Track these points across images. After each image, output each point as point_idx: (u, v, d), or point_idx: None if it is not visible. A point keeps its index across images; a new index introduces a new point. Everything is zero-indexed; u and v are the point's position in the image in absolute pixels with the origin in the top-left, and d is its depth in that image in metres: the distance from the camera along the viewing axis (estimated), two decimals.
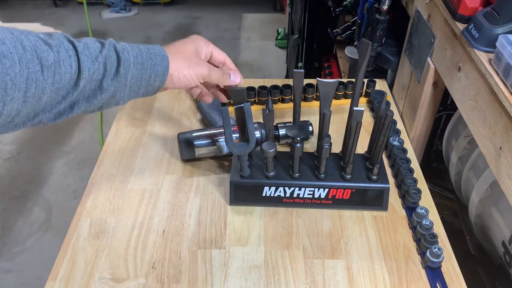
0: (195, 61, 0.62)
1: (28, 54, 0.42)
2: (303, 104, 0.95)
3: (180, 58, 0.60)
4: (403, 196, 0.76)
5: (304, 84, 0.94)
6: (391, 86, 1.04)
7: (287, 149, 0.85)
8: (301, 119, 0.81)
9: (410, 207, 0.74)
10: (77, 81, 0.47)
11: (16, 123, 0.45)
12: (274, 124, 0.81)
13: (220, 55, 0.68)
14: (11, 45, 0.41)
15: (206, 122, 0.91)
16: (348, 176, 0.72)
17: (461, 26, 0.65)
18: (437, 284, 0.63)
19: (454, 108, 0.86)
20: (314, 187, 0.73)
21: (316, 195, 0.73)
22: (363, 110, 0.65)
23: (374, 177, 0.72)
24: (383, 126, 0.67)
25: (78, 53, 0.47)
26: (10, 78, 0.40)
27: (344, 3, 1.32)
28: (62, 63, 0.45)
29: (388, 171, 0.81)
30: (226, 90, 0.71)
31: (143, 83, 0.55)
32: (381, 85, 1.04)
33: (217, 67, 0.67)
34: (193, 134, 0.80)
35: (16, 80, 0.41)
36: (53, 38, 0.47)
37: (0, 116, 0.41)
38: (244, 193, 0.74)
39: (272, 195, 0.74)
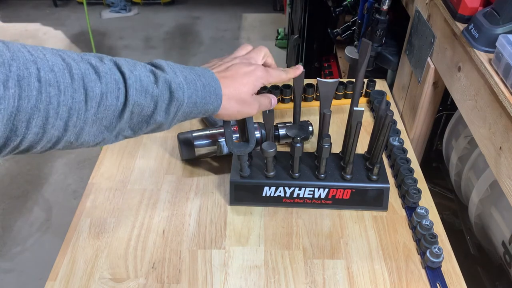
0: (248, 102, 0.59)
1: (75, 83, 0.41)
2: (303, 104, 0.95)
3: (232, 101, 0.57)
4: (403, 196, 0.76)
5: (304, 84, 0.94)
6: (391, 86, 1.04)
7: (287, 149, 0.85)
8: (301, 119, 0.81)
9: (410, 207, 0.74)
10: (122, 112, 0.46)
11: (57, 148, 0.44)
12: (274, 124, 0.81)
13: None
14: (60, 73, 0.40)
15: (206, 122, 0.91)
16: (348, 176, 0.72)
17: (461, 26, 0.65)
18: (437, 284, 0.63)
19: (454, 108, 0.86)
20: (314, 187, 0.73)
21: (316, 195, 0.73)
22: (363, 110, 0.65)
23: (374, 177, 0.72)
24: (383, 126, 0.67)
25: (127, 86, 0.45)
26: (53, 107, 0.39)
27: (344, 3, 1.32)
28: (109, 95, 0.44)
29: (388, 171, 0.81)
30: None
31: (191, 116, 0.54)
32: (381, 85, 1.04)
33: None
34: (193, 134, 0.80)
35: (59, 109, 0.40)
36: (104, 66, 0.45)
37: (40, 141, 0.41)
38: (244, 193, 0.74)
39: (272, 195, 0.74)
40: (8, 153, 0.41)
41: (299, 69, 0.67)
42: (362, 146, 0.86)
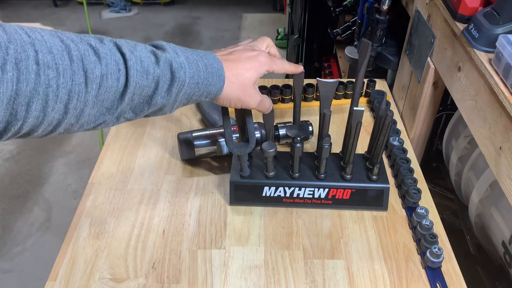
0: (249, 90, 0.57)
1: (74, 65, 0.40)
2: (303, 104, 0.95)
3: (235, 85, 0.56)
4: (403, 196, 0.76)
5: (304, 84, 0.94)
6: (391, 86, 1.04)
7: (287, 149, 0.85)
8: (301, 119, 0.81)
9: (410, 207, 0.74)
10: (123, 94, 0.45)
11: (58, 131, 0.44)
12: (274, 124, 0.81)
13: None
14: (58, 55, 0.39)
15: (206, 122, 0.91)
16: (348, 176, 0.72)
17: (461, 26, 0.65)
18: (437, 284, 0.63)
19: (454, 108, 0.86)
20: (314, 187, 0.73)
21: (316, 195, 0.73)
22: (363, 110, 0.65)
23: (374, 177, 0.72)
24: (383, 126, 0.67)
25: (128, 67, 0.45)
26: (52, 89, 0.39)
27: (344, 3, 1.32)
28: (109, 76, 0.43)
29: (388, 171, 0.81)
30: None
31: (193, 99, 0.53)
32: (381, 85, 1.04)
33: None
34: (193, 134, 0.80)
35: (58, 92, 0.39)
36: (104, 46, 0.44)
37: (40, 124, 0.40)
38: (244, 193, 0.74)
39: (272, 195, 0.74)
40: (10, 137, 0.40)
41: (300, 67, 0.67)
42: (362, 146, 0.86)
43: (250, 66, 0.57)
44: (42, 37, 0.40)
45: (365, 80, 0.97)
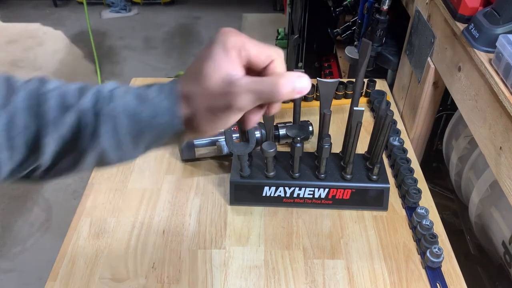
0: (217, 97, 0.37)
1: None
2: (303, 104, 0.95)
3: (196, 98, 0.37)
4: (403, 196, 0.76)
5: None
6: (391, 86, 1.04)
7: (287, 149, 0.85)
8: (301, 119, 0.81)
9: (410, 207, 0.74)
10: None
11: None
12: (274, 124, 0.81)
13: (260, 56, 0.38)
14: None
15: None
16: (348, 176, 0.72)
17: (461, 26, 0.65)
18: (437, 284, 0.63)
19: (454, 108, 0.86)
20: (314, 187, 0.73)
21: (316, 195, 0.73)
22: (363, 110, 0.65)
23: (374, 177, 0.72)
24: (383, 126, 0.67)
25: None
26: None
27: (344, 3, 1.32)
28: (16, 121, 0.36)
29: (388, 171, 0.81)
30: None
31: (146, 139, 0.39)
32: (381, 85, 1.04)
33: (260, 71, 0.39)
34: None
35: None
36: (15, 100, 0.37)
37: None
38: (244, 193, 0.74)
39: (272, 195, 0.74)
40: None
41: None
42: (362, 146, 0.86)
43: (206, 72, 0.37)
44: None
45: (365, 80, 0.97)
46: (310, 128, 0.86)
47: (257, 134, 0.80)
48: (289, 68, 0.70)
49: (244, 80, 0.36)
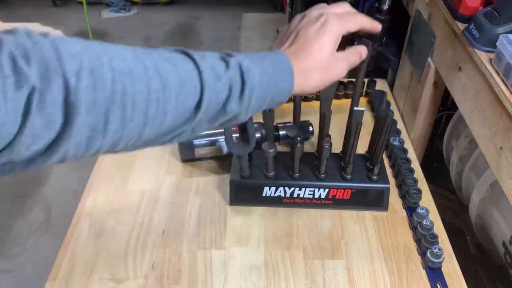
0: (331, 69, 0.52)
1: (150, 72, 0.39)
2: (303, 104, 0.95)
3: (312, 73, 0.50)
4: (403, 196, 0.76)
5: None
6: (391, 86, 1.04)
7: (287, 149, 0.85)
8: (301, 119, 0.81)
9: (411, 207, 0.74)
10: (199, 102, 0.43)
11: (139, 145, 0.42)
12: (274, 124, 0.80)
13: (351, 30, 0.55)
14: (132, 63, 0.38)
15: None
16: (349, 176, 0.72)
17: (461, 25, 0.65)
18: (438, 285, 0.63)
19: (455, 108, 0.86)
20: (315, 187, 0.72)
21: (316, 195, 0.73)
22: (363, 110, 0.65)
23: (375, 177, 0.72)
24: (384, 126, 0.67)
25: (201, 72, 0.42)
26: (129, 97, 0.37)
27: None
28: (185, 83, 0.41)
29: (389, 171, 0.81)
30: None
31: (267, 101, 0.48)
32: (381, 85, 1.04)
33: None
34: None
35: (136, 100, 0.38)
36: (175, 56, 0.43)
37: (120, 139, 0.39)
38: (244, 193, 0.74)
39: (272, 195, 0.73)
40: (92, 155, 0.39)
41: (377, 25, 0.59)
42: (362, 146, 0.85)
43: (321, 43, 0.51)
44: (115, 47, 0.39)
45: (366, 80, 0.97)
46: (310, 128, 0.86)
47: (257, 134, 0.80)
48: None
49: (341, 55, 0.53)
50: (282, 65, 0.49)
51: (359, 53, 0.56)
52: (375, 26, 0.58)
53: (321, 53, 0.51)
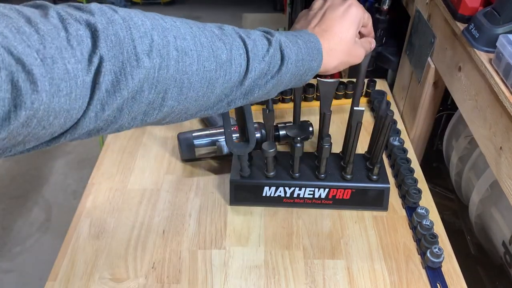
0: (353, 49, 0.56)
1: (205, 51, 0.40)
2: (303, 104, 0.95)
3: (337, 53, 0.54)
4: (403, 196, 0.76)
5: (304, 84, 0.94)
6: (391, 86, 1.04)
7: (287, 149, 0.85)
8: (301, 119, 0.81)
9: (411, 207, 0.74)
10: (243, 80, 0.45)
11: (182, 119, 0.43)
12: (274, 124, 0.80)
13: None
14: (191, 42, 0.39)
15: (206, 122, 0.91)
16: (348, 176, 0.72)
17: (461, 26, 0.65)
18: (438, 284, 0.63)
19: (455, 108, 0.86)
20: (314, 187, 0.73)
21: (316, 195, 0.73)
22: (363, 110, 0.65)
23: (375, 177, 0.72)
24: (384, 126, 0.67)
25: (248, 51, 0.44)
26: (187, 76, 0.39)
27: None
28: (233, 61, 0.43)
29: (389, 171, 0.81)
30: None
31: (297, 78, 0.51)
32: (381, 85, 1.04)
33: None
34: (193, 134, 0.80)
35: (193, 79, 0.39)
36: (226, 34, 0.44)
37: (171, 113, 0.40)
38: (244, 193, 0.74)
39: (272, 195, 0.73)
40: (142, 125, 0.40)
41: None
42: (362, 146, 0.85)
43: (346, 26, 0.54)
44: (175, 23, 0.40)
45: (366, 80, 0.97)
46: (310, 128, 0.86)
47: (257, 134, 0.80)
48: None
49: (359, 41, 0.58)
50: (314, 45, 0.52)
51: (370, 43, 0.61)
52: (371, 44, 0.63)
53: (346, 35, 0.54)
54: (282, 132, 0.84)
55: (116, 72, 0.33)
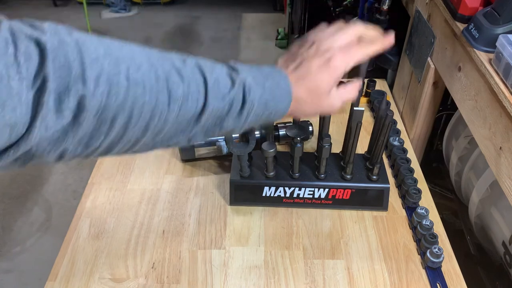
0: (325, 104, 0.53)
1: (160, 84, 0.40)
2: None
3: (307, 102, 0.52)
4: (403, 196, 0.76)
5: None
6: (391, 86, 1.04)
7: (287, 149, 0.85)
8: (301, 119, 0.80)
9: (410, 207, 0.74)
10: (199, 116, 0.44)
11: (132, 150, 0.44)
12: (274, 124, 0.81)
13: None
14: (146, 73, 0.40)
15: None
16: (348, 176, 0.72)
17: (461, 26, 0.65)
18: (437, 284, 0.63)
19: (454, 108, 0.86)
20: (314, 187, 0.73)
21: (316, 195, 0.73)
22: (363, 110, 0.65)
23: (374, 177, 0.72)
24: (383, 126, 0.67)
25: (208, 89, 0.44)
26: (137, 107, 0.39)
27: (344, 3, 1.32)
28: (190, 97, 0.43)
29: (388, 171, 0.81)
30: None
31: (262, 119, 0.50)
32: (381, 85, 1.04)
33: None
34: None
35: (143, 110, 0.39)
36: (187, 67, 0.44)
37: (119, 142, 0.40)
38: (244, 193, 0.74)
39: (272, 195, 0.73)
40: (87, 156, 0.40)
41: (391, 36, 0.59)
42: (362, 146, 0.85)
43: (322, 77, 0.51)
44: (133, 53, 0.40)
45: (365, 80, 0.97)
46: (310, 128, 0.86)
47: (257, 134, 0.80)
48: None
49: (337, 93, 0.54)
50: (283, 89, 0.50)
51: (350, 92, 0.56)
52: (385, 44, 0.60)
53: (318, 89, 0.51)
54: (282, 132, 0.84)
55: (60, 93, 0.34)
